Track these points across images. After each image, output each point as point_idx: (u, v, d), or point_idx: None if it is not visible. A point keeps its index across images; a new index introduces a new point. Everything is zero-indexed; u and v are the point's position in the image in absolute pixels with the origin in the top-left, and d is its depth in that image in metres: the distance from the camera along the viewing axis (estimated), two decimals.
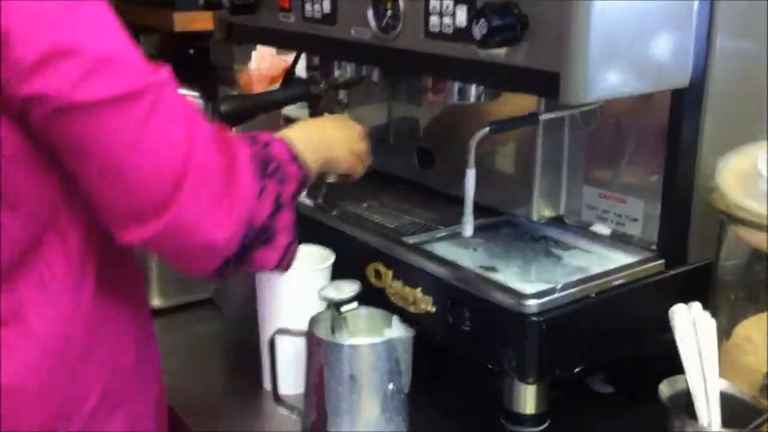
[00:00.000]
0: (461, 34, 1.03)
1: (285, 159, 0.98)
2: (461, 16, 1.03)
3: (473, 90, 1.20)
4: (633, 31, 0.96)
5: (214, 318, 1.48)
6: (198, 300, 1.49)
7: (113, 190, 0.84)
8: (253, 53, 2.37)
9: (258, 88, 2.22)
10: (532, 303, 0.99)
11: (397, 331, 1.07)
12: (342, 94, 1.46)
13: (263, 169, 0.93)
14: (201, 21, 2.11)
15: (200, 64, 2.59)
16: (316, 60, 1.50)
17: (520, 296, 1.01)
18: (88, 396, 0.91)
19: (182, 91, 1.22)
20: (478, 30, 0.98)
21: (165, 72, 0.85)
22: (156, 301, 1.44)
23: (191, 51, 2.76)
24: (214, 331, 1.46)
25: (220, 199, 0.87)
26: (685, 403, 0.94)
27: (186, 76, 1.92)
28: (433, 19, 1.07)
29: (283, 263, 0.98)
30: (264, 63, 2.38)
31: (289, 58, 2.29)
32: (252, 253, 0.93)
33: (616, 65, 0.96)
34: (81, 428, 0.91)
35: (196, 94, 2.01)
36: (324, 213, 1.35)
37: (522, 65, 0.98)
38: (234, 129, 1.36)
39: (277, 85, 1.95)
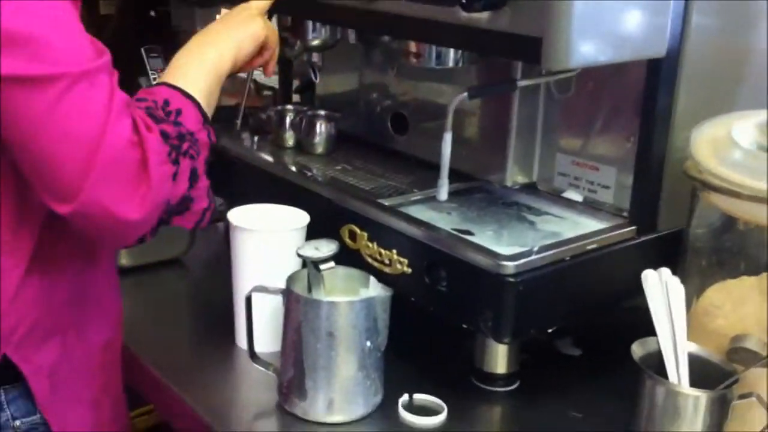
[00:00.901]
0: None
1: (196, 129, 0.99)
2: None
3: (451, 54, 1.22)
4: (614, 1, 0.97)
5: (183, 277, 1.49)
6: (166, 259, 1.48)
7: (30, 164, 0.87)
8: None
9: None
10: (510, 264, 1.01)
11: (375, 290, 1.08)
12: (316, 57, 1.46)
13: (177, 150, 0.94)
14: None
15: (161, 27, 2.55)
16: (289, 21, 1.49)
17: (498, 257, 1.02)
18: (17, 327, 0.96)
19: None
20: None
21: (95, 64, 0.86)
22: (124, 260, 1.43)
23: (152, 13, 2.72)
24: (184, 290, 1.46)
25: (134, 188, 0.88)
26: (656, 364, 0.97)
27: (147, 38, 1.90)
28: None
29: (201, 224, 1.02)
30: None
31: None
32: (170, 221, 0.97)
33: (597, 33, 0.97)
34: (9, 352, 0.96)
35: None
36: (298, 175, 1.35)
37: (504, 30, 0.99)
38: None
39: None
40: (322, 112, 1.47)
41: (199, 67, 1.06)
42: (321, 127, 1.45)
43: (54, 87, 0.83)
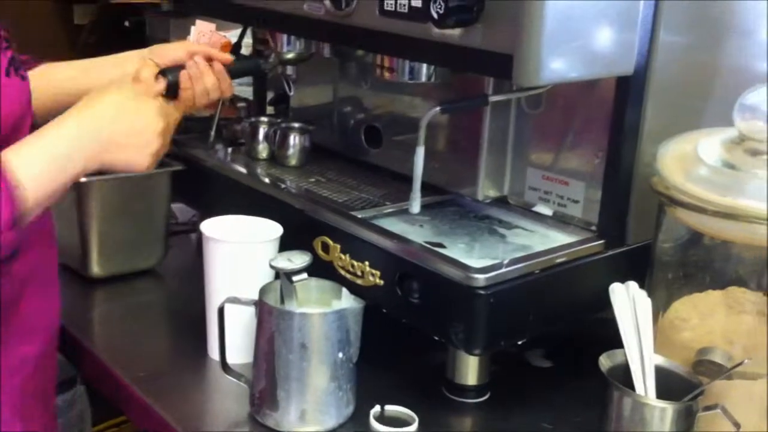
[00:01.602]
0: (416, 13, 1.05)
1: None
2: None
3: (424, 69, 1.23)
4: (583, 19, 1.00)
5: (156, 288, 1.48)
6: (140, 270, 1.48)
7: None
8: (192, 28, 2.35)
9: None
10: (480, 277, 1.03)
11: (347, 302, 1.09)
12: (290, 70, 1.47)
13: None
14: None
15: (135, 38, 2.55)
16: (262, 34, 1.50)
17: (469, 270, 1.04)
18: None
19: None
20: (435, 9, 1.00)
21: None
22: (96, 270, 1.43)
23: (126, 23, 2.73)
24: (157, 300, 1.46)
25: None
26: (623, 376, 0.99)
27: (121, 49, 1.90)
28: None
29: None
30: (203, 38, 2.35)
31: (229, 34, 2.29)
32: None
33: (567, 50, 0.99)
34: None
35: None
36: (271, 186, 1.36)
37: (476, 46, 1.01)
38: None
39: None
40: (296, 125, 1.49)
41: (56, 158, 0.93)
42: (295, 140, 1.46)
43: None
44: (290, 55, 1.40)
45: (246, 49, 1.62)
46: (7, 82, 0.95)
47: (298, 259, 1.07)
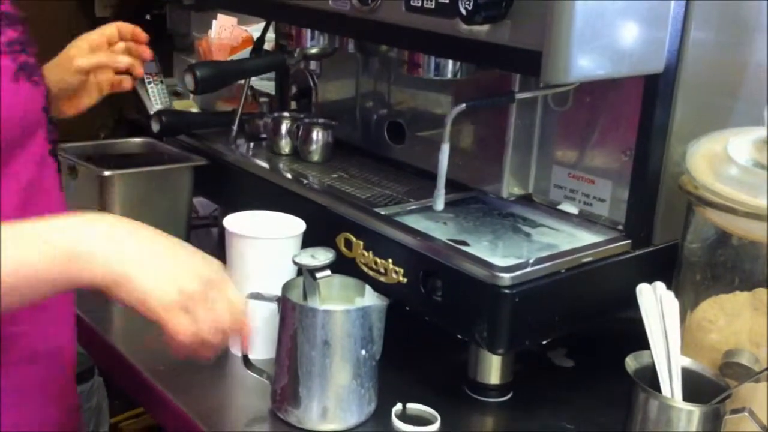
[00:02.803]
0: (443, 9, 1.04)
1: None
2: None
3: (450, 66, 1.22)
4: (613, 16, 0.98)
5: None
6: None
7: None
8: (213, 22, 2.35)
9: (218, 58, 2.21)
10: (506, 276, 1.02)
11: (370, 299, 1.08)
12: (314, 65, 1.46)
13: None
14: None
15: (156, 31, 2.56)
16: (287, 28, 1.49)
17: (494, 269, 1.03)
18: None
19: None
20: (464, 5, 0.99)
21: None
22: None
23: (148, 17, 2.73)
24: None
25: None
26: (649, 377, 0.97)
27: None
28: None
29: None
30: (224, 32, 2.36)
31: (250, 28, 2.29)
32: None
33: (596, 48, 0.98)
34: None
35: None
36: (294, 182, 1.35)
37: (504, 43, 1.00)
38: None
39: (243, 53, 1.94)
40: (319, 120, 1.48)
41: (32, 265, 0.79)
42: (318, 135, 1.45)
43: None
44: (314, 51, 1.40)
45: (269, 44, 1.62)
46: (12, 88, 0.91)
47: (322, 256, 1.06)
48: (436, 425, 1.07)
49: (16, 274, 0.77)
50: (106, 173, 1.36)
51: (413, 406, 1.09)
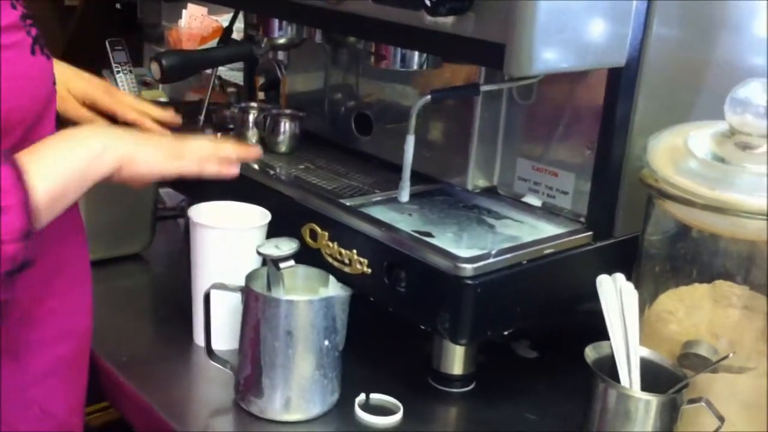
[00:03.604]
0: (409, 1, 1.04)
1: (6, 238, 0.79)
2: None
3: (416, 57, 1.23)
4: (576, 10, 0.99)
5: (142, 273, 1.48)
6: (125, 255, 1.47)
7: None
8: (184, 11, 2.34)
9: (188, 47, 2.20)
10: (468, 267, 1.02)
11: (334, 290, 1.09)
12: (282, 55, 1.46)
13: None
14: None
15: (127, 20, 2.54)
16: (255, 18, 1.49)
17: (457, 260, 1.03)
18: None
19: None
20: None
21: None
22: None
23: (118, 5, 2.70)
24: (142, 285, 1.45)
25: None
26: (608, 367, 0.99)
27: (112, 31, 1.89)
28: None
29: None
30: (194, 22, 2.35)
31: (220, 18, 2.28)
32: None
33: (560, 41, 0.99)
34: None
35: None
36: (260, 173, 1.35)
37: (468, 35, 1.01)
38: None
39: (213, 43, 1.93)
40: (287, 111, 1.48)
41: (71, 162, 0.90)
42: (285, 126, 1.45)
43: None
44: (281, 41, 1.39)
45: (237, 34, 1.61)
46: (31, 62, 0.91)
47: (286, 246, 1.06)
48: (399, 415, 1.08)
49: (71, 176, 0.89)
50: None
51: (376, 397, 1.10)
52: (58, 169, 0.88)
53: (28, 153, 0.86)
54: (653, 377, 0.98)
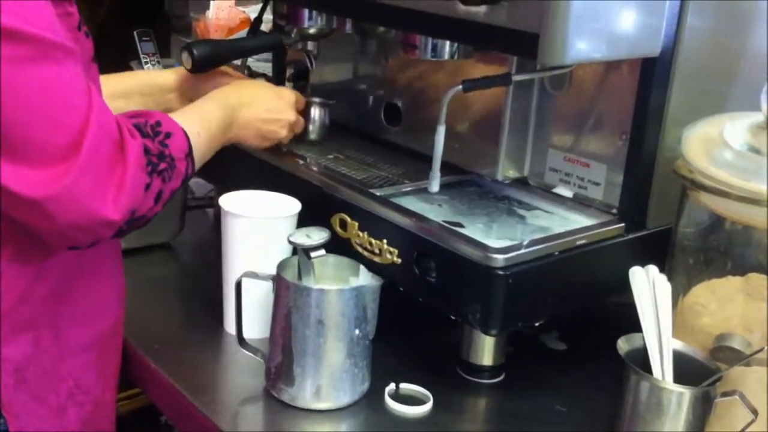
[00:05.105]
0: None
1: (178, 156, 0.98)
2: None
3: (447, 47, 1.22)
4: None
5: (171, 261, 1.49)
6: (155, 244, 1.48)
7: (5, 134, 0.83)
8: (211, 3, 2.35)
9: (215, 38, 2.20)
10: (500, 257, 1.02)
11: (365, 279, 1.09)
12: (311, 45, 1.46)
13: (153, 166, 0.93)
14: None
15: (154, 11, 2.55)
16: (284, 8, 1.49)
17: (488, 250, 1.03)
18: None
19: None
20: None
21: (75, 46, 0.87)
22: None
23: None
24: (171, 274, 1.46)
25: (109, 185, 0.87)
26: (640, 360, 0.98)
27: (139, 23, 1.89)
28: None
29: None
30: (222, 13, 2.36)
31: (247, 9, 2.28)
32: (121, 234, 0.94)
33: (593, 30, 0.98)
34: None
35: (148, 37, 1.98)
36: (290, 163, 1.35)
37: (501, 24, 1.00)
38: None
39: (241, 34, 1.94)
40: (317, 99, 1.47)
41: (205, 117, 1.11)
42: (314, 114, 1.44)
43: (31, 44, 0.81)
44: (311, 31, 1.39)
45: (266, 25, 1.61)
46: (82, 37, 0.96)
47: (317, 236, 1.06)
48: (429, 405, 1.07)
49: (215, 135, 1.12)
50: None
51: (406, 386, 1.10)
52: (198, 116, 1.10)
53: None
54: (686, 370, 0.98)
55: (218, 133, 1.13)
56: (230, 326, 1.20)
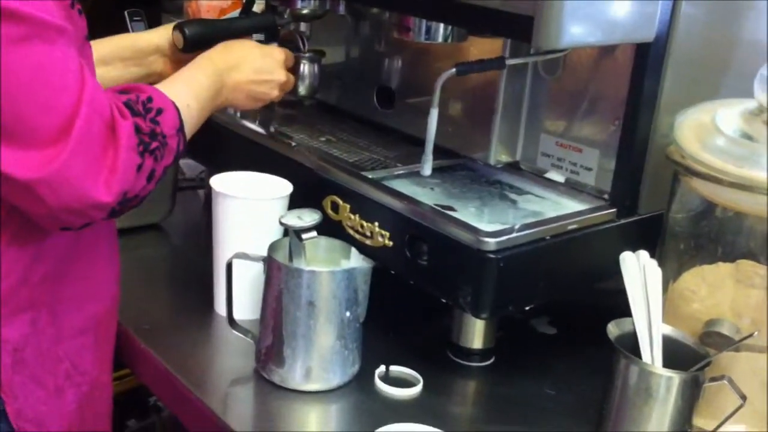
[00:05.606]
0: None
1: (169, 133, 0.97)
2: None
3: (441, 30, 1.22)
4: None
5: (162, 242, 1.48)
6: (145, 224, 1.48)
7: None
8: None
9: None
10: (491, 241, 1.02)
11: (356, 261, 1.09)
12: (304, 26, 1.45)
13: (145, 145, 0.92)
14: None
15: None
16: None
17: (479, 234, 1.03)
18: None
19: None
20: None
21: (69, 25, 0.86)
22: None
23: None
24: (162, 255, 1.46)
25: (100, 167, 0.87)
26: (630, 344, 0.98)
27: (130, 3, 1.88)
28: None
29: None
30: None
31: None
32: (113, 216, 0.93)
33: (588, 14, 0.98)
34: None
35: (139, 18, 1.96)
36: (283, 144, 1.35)
37: (496, 7, 1.00)
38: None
39: (235, 14, 1.92)
40: (306, 54, 1.44)
41: (194, 86, 1.08)
42: (305, 70, 1.42)
43: (25, 24, 0.81)
44: (304, 11, 1.38)
45: (258, 6, 1.60)
46: (75, 15, 0.94)
47: (308, 217, 1.06)
48: (419, 387, 1.08)
49: (205, 104, 1.10)
50: None
51: (396, 369, 1.10)
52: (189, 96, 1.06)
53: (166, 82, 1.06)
54: (675, 355, 0.98)
55: (208, 101, 1.11)
56: (221, 307, 1.20)
